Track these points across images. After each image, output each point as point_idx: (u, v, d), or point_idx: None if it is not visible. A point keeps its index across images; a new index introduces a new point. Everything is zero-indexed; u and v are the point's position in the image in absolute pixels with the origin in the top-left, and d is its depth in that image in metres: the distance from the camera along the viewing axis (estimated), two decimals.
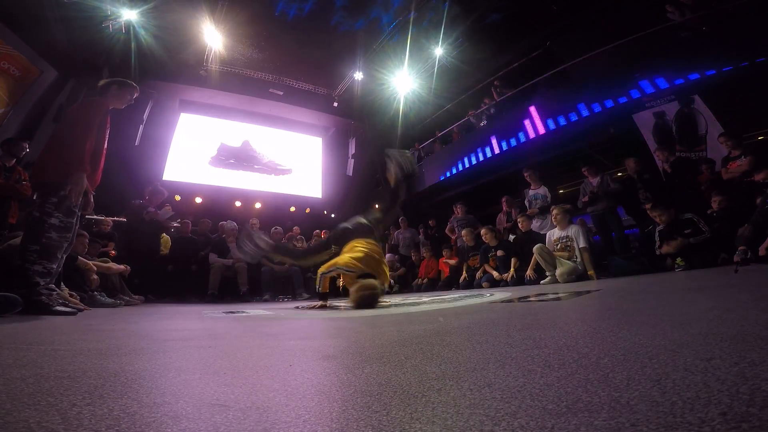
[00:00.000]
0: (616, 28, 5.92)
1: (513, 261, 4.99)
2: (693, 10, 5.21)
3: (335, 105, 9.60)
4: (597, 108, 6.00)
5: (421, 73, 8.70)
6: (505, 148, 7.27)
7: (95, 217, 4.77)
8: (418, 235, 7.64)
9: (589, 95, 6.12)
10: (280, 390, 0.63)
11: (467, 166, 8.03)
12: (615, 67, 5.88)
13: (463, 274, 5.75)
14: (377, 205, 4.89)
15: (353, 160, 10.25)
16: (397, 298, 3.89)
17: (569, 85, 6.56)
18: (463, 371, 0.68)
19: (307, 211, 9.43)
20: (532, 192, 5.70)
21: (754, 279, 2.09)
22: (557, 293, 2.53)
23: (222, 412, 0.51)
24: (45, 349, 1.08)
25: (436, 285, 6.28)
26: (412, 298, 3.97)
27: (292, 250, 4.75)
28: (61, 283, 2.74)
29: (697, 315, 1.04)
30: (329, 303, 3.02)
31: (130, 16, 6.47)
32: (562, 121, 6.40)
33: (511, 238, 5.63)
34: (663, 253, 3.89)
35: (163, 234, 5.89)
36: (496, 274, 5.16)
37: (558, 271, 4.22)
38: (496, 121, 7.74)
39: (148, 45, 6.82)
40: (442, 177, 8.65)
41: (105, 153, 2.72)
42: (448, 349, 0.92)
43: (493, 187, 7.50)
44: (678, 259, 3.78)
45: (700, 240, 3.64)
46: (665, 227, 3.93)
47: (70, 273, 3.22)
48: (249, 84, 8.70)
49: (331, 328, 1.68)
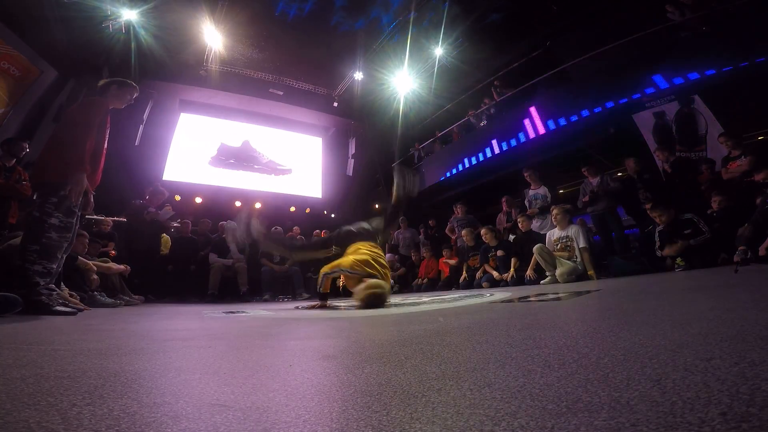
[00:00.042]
0: (616, 28, 5.92)
1: (513, 261, 5.00)
2: (693, 10, 5.20)
3: (335, 105, 9.61)
4: (597, 108, 6.00)
5: (421, 73, 8.70)
6: (505, 148, 7.28)
7: (95, 217, 4.77)
8: (418, 235, 7.64)
9: (589, 95, 6.12)
10: (280, 390, 0.63)
11: (467, 166, 8.03)
12: (615, 67, 5.88)
13: (463, 274, 5.76)
14: (377, 206, 4.87)
15: (353, 160, 10.25)
16: (397, 298, 3.88)
17: (569, 85, 6.56)
18: (463, 371, 0.68)
19: (307, 211, 9.44)
20: (532, 192, 5.70)
21: (754, 279, 2.09)
22: (557, 293, 2.53)
23: (222, 412, 0.51)
24: (45, 349, 1.08)
25: (436, 285, 6.28)
26: (412, 298, 3.97)
27: (283, 239, 4.63)
28: (61, 283, 2.74)
29: (697, 315, 1.04)
30: (329, 303, 3.03)
31: (130, 16, 6.48)
32: (562, 122, 6.41)
33: (511, 238, 5.63)
34: (664, 255, 3.90)
35: (163, 234, 5.89)
36: (496, 274, 5.16)
37: (558, 271, 4.22)
38: (496, 121, 7.74)
39: (148, 45, 6.82)
40: (442, 177, 8.65)
41: (105, 153, 2.72)
42: (448, 349, 0.92)
43: (493, 187, 7.50)
44: (678, 259, 3.78)
45: (700, 241, 3.65)
46: (665, 227, 3.93)
47: (70, 273, 3.22)
48: (249, 84, 8.70)
49: (331, 328, 1.68)
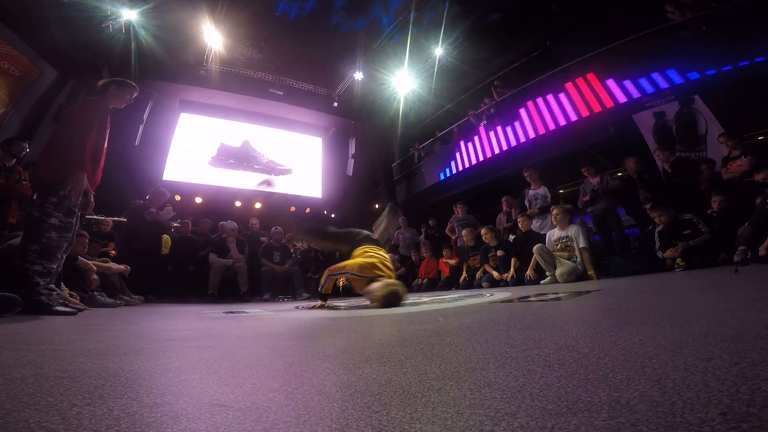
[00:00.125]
0: (616, 28, 5.92)
1: (513, 261, 5.00)
2: (693, 10, 5.21)
3: (335, 105, 9.61)
4: (596, 108, 6.00)
5: (421, 73, 8.70)
6: (505, 147, 7.27)
7: (95, 217, 4.77)
8: (419, 235, 7.64)
9: (588, 95, 6.12)
10: (280, 390, 0.63)
11: (467, 166, 8.03)
12: (615, 67, 5.88)
13: (463, 274, 5.76)
14: (377, 206, 4.81)
15: (353, 160, 10.25)
16: None
17: (570, 85, 6.55)
18: (463, 371, 0.68)
19: (307, 211, 9.43)
20: (532, 192, 5.69)
21: (754, 279, 2.09)
22: (557, 293, 2.53)
23: (222, 412, 0.51)
24: (45, 349, 1.08)
25: (436, 285, 6.28)
26: (412, 298, 3.96)
27: (318, 228, 4.30)
28: (61, 283, 2.74)
29: (697, 315, 1.04)
30: (329, 303, 3.03)
31: (130, 16, 6.48)
32: (562, 122, 6.40)
33: (511, 238, 5.63)
34: (665, 257, 3.90)
35: (163, 234, 5.89)
36: (496, 274, 5.16)
37: (558, 271, 4.21)
38: (497, 120, 7.74)
39: (148, 45, 6.83)
40: (442, 177, 8.66)
41: (105, 153, 2.72)
42: (448, 349, 0.92)
43: (493, 187, 7.50)
44: (678, 259, 3.78)
45: (699, 242, 3.65)
46: (665, 227, 3.93)
47: (70, 273, 3.22)
48: (249, 84, 8.70)
49: (331, 328, 1.68)
